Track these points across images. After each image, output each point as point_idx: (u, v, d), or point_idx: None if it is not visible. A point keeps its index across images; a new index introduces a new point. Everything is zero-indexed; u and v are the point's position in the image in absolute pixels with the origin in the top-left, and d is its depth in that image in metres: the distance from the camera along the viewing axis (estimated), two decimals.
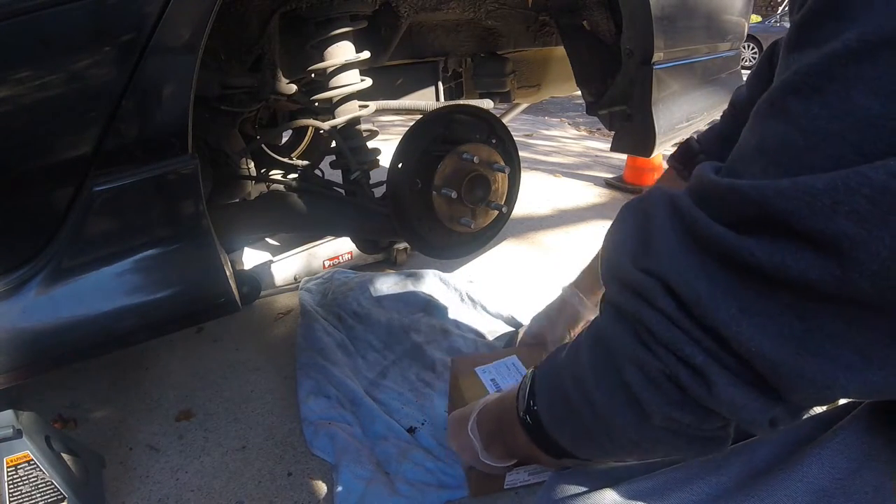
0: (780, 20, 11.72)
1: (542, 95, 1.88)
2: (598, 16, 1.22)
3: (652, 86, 1.13)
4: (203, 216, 0.88)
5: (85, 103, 0.76)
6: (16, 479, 0.86)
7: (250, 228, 1.45)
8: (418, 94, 1.60)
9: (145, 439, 1.17)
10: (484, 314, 1.57)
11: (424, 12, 1.28)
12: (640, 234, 0.44)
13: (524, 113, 3.01)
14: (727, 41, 1.51)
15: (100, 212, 0.81)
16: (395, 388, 1.27)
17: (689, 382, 0.40)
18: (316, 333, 1.42)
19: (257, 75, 1.21)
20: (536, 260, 2.00)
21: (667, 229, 0.42)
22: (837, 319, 0.35)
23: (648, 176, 2.75)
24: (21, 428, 0.85)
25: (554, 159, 3.51)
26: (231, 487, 1.05)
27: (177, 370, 1.40)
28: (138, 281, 0.88)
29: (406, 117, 4.12)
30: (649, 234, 0.43)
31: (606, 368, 0.46)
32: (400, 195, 1.15)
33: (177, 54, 0.79)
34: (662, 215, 0.43)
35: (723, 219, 0.39)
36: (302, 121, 1.43)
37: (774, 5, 17.92)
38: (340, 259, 1.85)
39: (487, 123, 1.25)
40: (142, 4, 0.75)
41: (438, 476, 1.02)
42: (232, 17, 1.12)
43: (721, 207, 0.39)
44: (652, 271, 0.41)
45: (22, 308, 0.81)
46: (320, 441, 1.11)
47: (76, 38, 0.74)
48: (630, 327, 0.43)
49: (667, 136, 1.22)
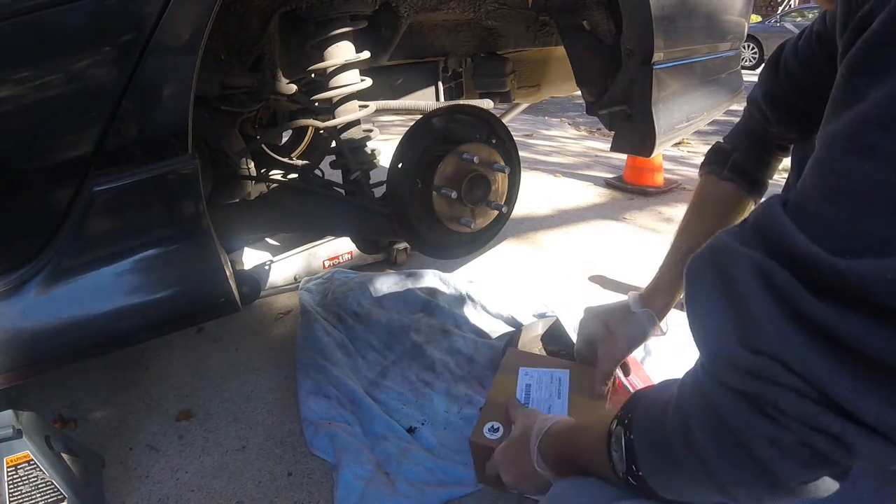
0: (780, 20, 11.72)
1: (542, 95, 1.88)
2: (598, 16, 1.22)
3: (652, 86, 1.13)
4: (203, 216, 0.88)
5: (85, 103, 0.76)
6: (16, 479, 0.86)
7: (250, 228, 1.45)
8: (418, 94, 1.60)
9: (145, 439, 1.17)
10: (484, 314, 1.57)
11: (424, 12, 1.28)
12: (738, 313, 0.43)
13: (524, 113, 3.01)
14: (727, 41, 1.51)
15: (100, 212, 0.81)
16: (395, 388, 1.27)
17: (828, 449, 0.40)
18: (316, 333, 1.42)
19: (257, 75, 1.21)
20: (536, 260, 2.00)
21: (768, 308, 0.41)
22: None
23: (648, 176, 2.75)
24: (21, 428, 0.85)
25: (554, 159, 3.51)
26: (231, 487, 1.05)
27: (177, 370, 1.40)
28: (138, 281, 0.88)
29: (406, 117, 4.12)
30: (748, 313, 0.42)
31: (733, 449, 0.45)
32: (400, 195, 1.15)
33: (177, 54, 0.79)
34: (756, 290, 0.41)
35: (820, 290, 0.38)
36: (302, 121, 1.43)
37: (774, 5, 17.92)
38: (340, 259, 1.85)
39: (487, 123, 1.25)
40: (142, 4, 0.75)
41: (438, 476, 1.03)
42: (232, 17, 1.12)
43: (818, 281, 0.38)
44: (764, 351, 0.41)
45: (22, 308, 0.81)
46: (320, 441, 1.11)
47: (76, 39, 0.74)
48: (753, 406, 0.43)
49: (667, 136, 1.22)
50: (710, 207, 0.95)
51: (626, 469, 0.57)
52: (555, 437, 0.73)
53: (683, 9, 1.21)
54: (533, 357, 1.10)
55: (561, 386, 0.99)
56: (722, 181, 0.93)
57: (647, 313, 0.94)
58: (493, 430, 0.91)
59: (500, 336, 1.44)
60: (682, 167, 3.24)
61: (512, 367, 1.03)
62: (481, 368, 1.32)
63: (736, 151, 0.92)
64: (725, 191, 0.92)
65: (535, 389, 0.98)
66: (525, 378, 1.01)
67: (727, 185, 0.92)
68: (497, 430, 0.91)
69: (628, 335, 0.95)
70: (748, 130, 0.92)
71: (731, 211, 0.93)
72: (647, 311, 0.94)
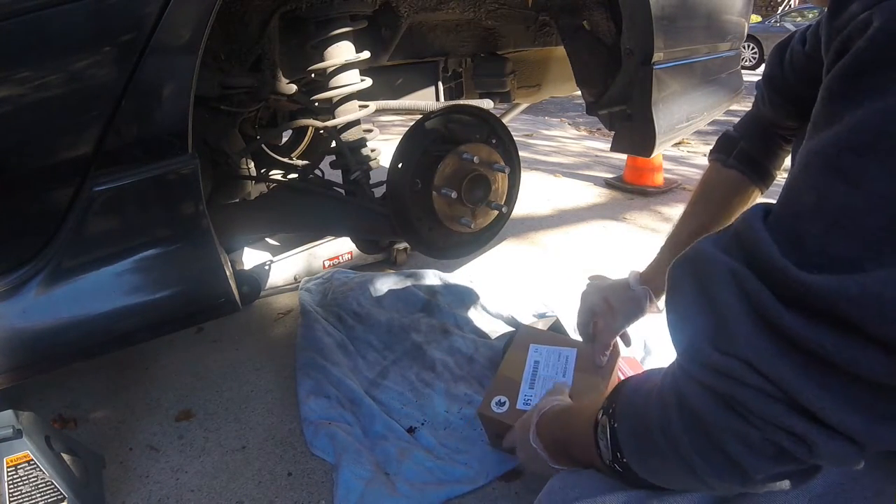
0: (780, 20, 11.72)
1: (542, 95, 1.88)
2: (598, 16, 1.22)
3: (652, 86, 1.13)
4: (203, 216, 0.88)
5: (85, 103, 0.76)
6: (16, 479, 0.86)
7: (250, 228, 1.45)
8: (418, 94, 1.60)
9: (145, 439, 1.17)
10: (484, 314, 1.57)
11: (424, 12, 1.28)
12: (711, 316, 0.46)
13: (524, 113, 3.01)
14: (727, 41, 1.51)
15: (100, 212, 0.81)
16: (395, 388, 1.27)
17: (791, 447, 0.43)
18: (316, 333, 1.42)
19: (257, 75, 1.21)
20: (536, 260, 2.00)
21: (739, 313, 0.43)
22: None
23: (648, 176, 2.75)
24: (21, 428, 0.85)
25: (554, 159, 3.51)
26: (231, 487, 1.05)
27: (177, 370, 1.40)
28: (138, 281, 0.88)
29: (406, 117, 4.12)
30: (722, 318, 0.44)
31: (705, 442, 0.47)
32: (400, 195, 1.15)
33: (177, 54, 0.79)
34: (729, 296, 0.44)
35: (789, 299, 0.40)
36: (302, 121, 1.43)
37: (774, 5, 17.92)
38: (340, 259, 1.85)
39: (487, 123, 1.25)
40: (142, 4, 0.75)
41: (438, 475, 1.03)
42: (232, 17, 1.12)
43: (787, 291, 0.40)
44: (734, 354, 0.43)
45: (22, 308, 0.81)
46: (320, 441, 1.11)
47: (76, 38, 0.74)
48: (724, 404, 0.45)
49: (667, 136, 1.22)
50: (714, 194, 0.96)
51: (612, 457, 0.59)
52: (551, 419, 0.78)
53: (683, 9, 1.21)
54: (544, 335, 1.13)
55: (567, 364, 1.04)
56: (726, 169, 0.94)
57: (644, 290, 0.98)
58: (499, 403, 0.99)
59: (500, 336, 1.44)
60: (682, 167, 3.24)
61: (523, 343, 1.07)
62: (481, 368, 1.32)
63: (743, 139, 0.93)
64: (730, 178, 0.93)
65: (542, 367, 1.05)
66: (534, 355, 1.06)
67: (731, 173, 0.93)
68: (503, 405, 0.99)
69: (626, 310, 0.99)
70: (757, 117, 0.92)
71: (734, 198, 0.94)
72: (645, 289, 0.98)
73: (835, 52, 0.41)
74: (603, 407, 0.62)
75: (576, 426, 0.70)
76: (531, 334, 1.12)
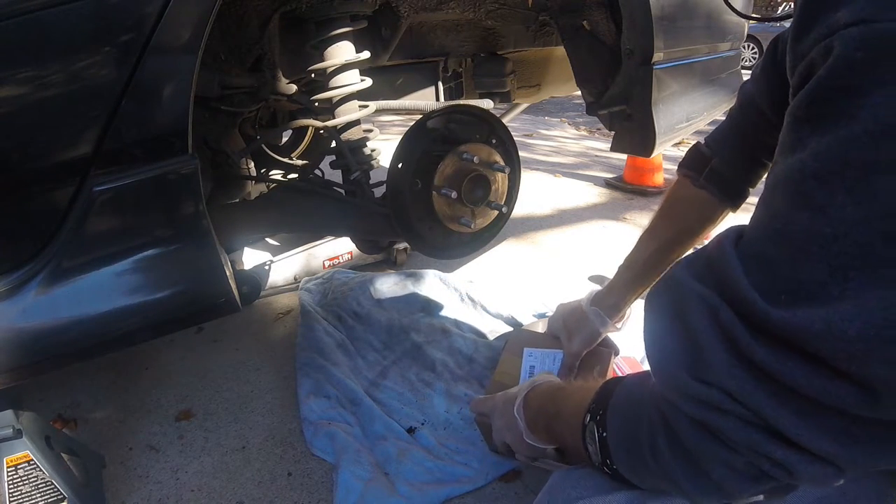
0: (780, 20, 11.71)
1: (542, 95, 1.88)
2: (598, 16, 1.22)
3: (652, 86, 1.13)
4: (203, 216, 0.88)
5: (85, 103, 0.76)
6: (16, 479, 0.86)
7: (250, 228, 1.45)
8: (418, 94, 1.60)
9: (145, 439, 1.17)
10: (484, 314, 1.57)
11: (424, 12, 1.28)
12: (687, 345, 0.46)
13: (524, 113, 3.01)
14: (727, 41, 1.51)
15: (100, 212, 0.81)
16: (394, 388, 1.27)
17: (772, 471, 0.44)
18: (316, 333, 1.42)
19: (257, 75, 1.21)
20: (536, 260, 2.00)
21: (714, 344, 0.44)
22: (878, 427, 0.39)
23: (648, 176, 2.75)
24: (21, 428, 0.85)
25: (554, 159, 3.51)
26: (231, 487, 1.05)
27: (177, 370, 1.40)
28: (138, 281, 0.88)
29: (406, 117, 4.12)
30: (698, 347, 0.45)
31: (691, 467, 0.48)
32: (400, 195, 1.15)
33: (177, 54, 0.79)
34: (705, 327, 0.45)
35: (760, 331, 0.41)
36: (302, 121, 1.43)
37: (774, 5, 17.92)
38: (340, 259, 1.85)
39: (487, 123, 1.25)
40: (142, 4, 0.75)
41: (437, 476, 1.03)
42: (232, 17, 1.12)
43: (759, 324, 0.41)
44: (712, 383, 0.44)
45: (22, 308, 0.81)
46: (320, 441, 1.11)
47: (76, 38, 0.74)
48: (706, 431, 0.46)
49: (667, 136, 1.22)
50: (681, 213, 0.94)
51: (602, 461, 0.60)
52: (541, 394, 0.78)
53: (683, 9, 1.21)
54: (537, 337, 1.14)
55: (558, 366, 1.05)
56: (696, 189, 0.91)
57: (595, 312, 0.99)
58: None
59: (500, 336, 1.44)
60: None
61: (516, 348, 1.08)
62: (481, 368, 1.32)
63: (716, 157, 0.89)
64: (699, 199, 0.91)
65: (538, 371, 1.07)
66: (529, 359, 1.08)
67: (702, 194, 0.90)
68: None
69: (581, 333, 1.02)
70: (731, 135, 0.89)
71: (701, 218, 0.92)
72: (594, 310, 1.00)
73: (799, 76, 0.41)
74: (590, 410, 0.62)
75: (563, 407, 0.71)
76: (525, 338, 1.12)
